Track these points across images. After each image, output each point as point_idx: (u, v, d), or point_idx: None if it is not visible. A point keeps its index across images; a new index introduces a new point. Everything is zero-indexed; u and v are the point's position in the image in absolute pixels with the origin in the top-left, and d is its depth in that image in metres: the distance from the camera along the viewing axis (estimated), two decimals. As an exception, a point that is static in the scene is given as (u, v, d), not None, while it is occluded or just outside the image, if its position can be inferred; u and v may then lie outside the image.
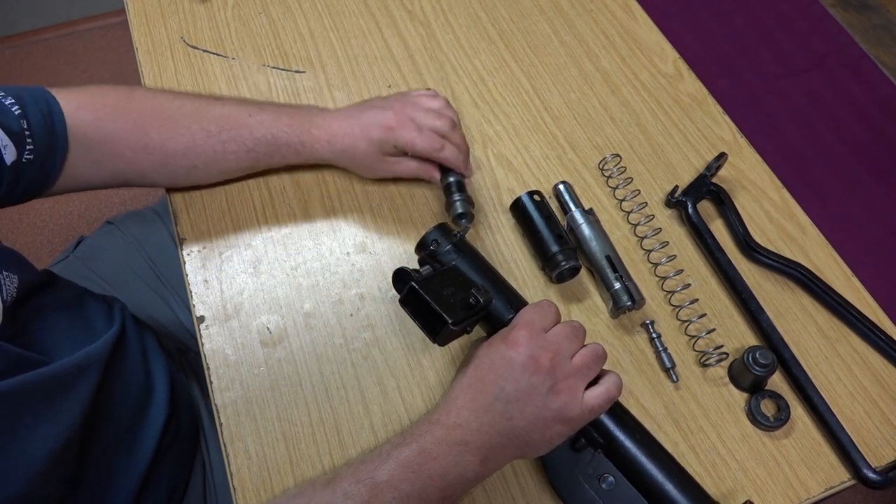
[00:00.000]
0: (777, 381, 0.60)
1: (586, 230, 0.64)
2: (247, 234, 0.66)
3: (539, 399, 0.46)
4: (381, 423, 0.57)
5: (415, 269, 0.52)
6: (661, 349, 0.60)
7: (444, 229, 0.58)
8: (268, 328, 0.61)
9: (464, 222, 0.64)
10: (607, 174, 0.71)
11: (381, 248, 0.66)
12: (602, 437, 0.50)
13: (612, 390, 0.48)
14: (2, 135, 0.52)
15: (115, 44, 1.90)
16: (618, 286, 0.61)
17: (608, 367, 0.52)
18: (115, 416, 0.59)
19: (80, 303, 0.64)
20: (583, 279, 0.65)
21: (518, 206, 0.65)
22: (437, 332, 0.48)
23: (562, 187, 0.68)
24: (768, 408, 0.58)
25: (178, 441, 0.66)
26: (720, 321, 0.63)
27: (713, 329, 0.62)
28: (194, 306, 0.62)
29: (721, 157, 0.69)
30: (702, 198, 0.69)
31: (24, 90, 0.56)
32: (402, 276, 0.51)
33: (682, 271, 0.65)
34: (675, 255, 0.66)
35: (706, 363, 0.60)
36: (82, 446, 0.54)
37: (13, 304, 0.53)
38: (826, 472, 0.56)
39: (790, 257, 0.66)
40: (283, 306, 0.62)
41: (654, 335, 0.61)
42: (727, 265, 0.64)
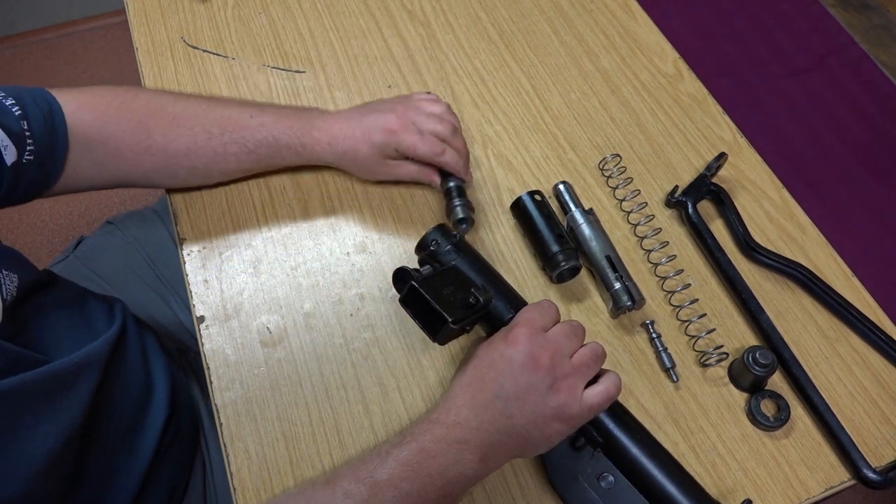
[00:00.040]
0: (777, 381, 0.60)
1: (586, 230, 0.64)
2: (247, 234, 0.66)
3: (538, 397, 0.46)
4: (381, 423, 0.57)
5: (415, 268, 0.52)
6: (661, 349, 0.60)
7: (444, 230, 0.58)
8: (268, 328, 0.61)
9: (464, 227, 0.64)
10: (607, 174, 0.71)
11: (381, 248, 0.66)
12: (601, 435, 0.50)
13: (611, 389, 0.48)
14: (2, 135, 0.52)
15: (115, 44, 1.90)
16: (618, 286, 0.61)
17: (608, 367, 0.52)
18: (115, 415, 0.59)
19: (80, 302, 0.64)
20: (583, 279, 0.65)
21: (519, 206, 0.65)
22: (437, 330, 0.48)
23: (562, 187, 0.68)
24: (768, 408, 0.58)
25: (178, 441, 0.66)
26: (720, 321, 0.63)
27: (713, 329, 0.62)
28: (194, 306, 0.62)
29: (721, 157, 0.69)
30: (702, 198, 0.69)
31: (24, 90, 0.56)
32: (402, 276, 0.51)
33: (682, 271, 0.65)
34: (675, 255, 0.66)
35: (706, 363, 0.60)
36: (82, 445, 0.54)
37: (13, 303, 0.53)
38: (826, 472, 0.56)
39: (790, 257, 0.66)
40: (283, 306, 0.62)
41: (654, 335, 0.61)
42: (727, 265, 0.64)
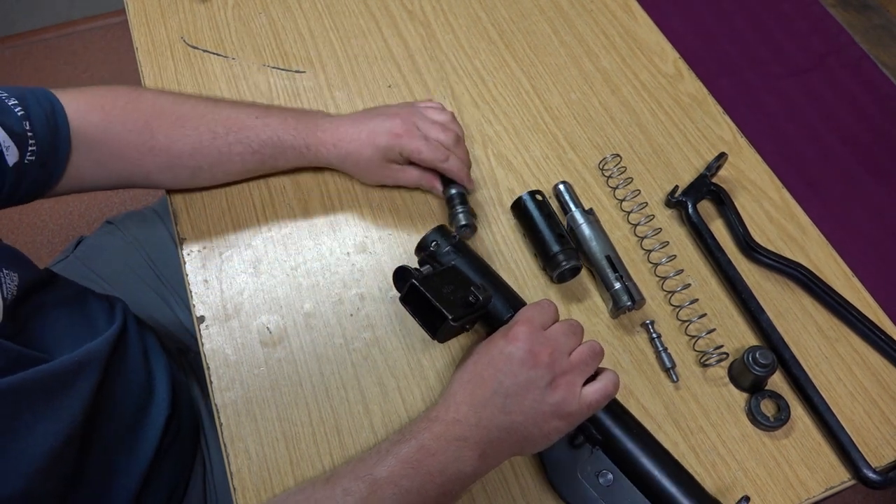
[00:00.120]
0: (777, 381, 0.60)
1: (586, 230, 0.64)
2: (247, 233, 0.66)
3: (537, 393, 0.46)
4: (381, 423, 0.57)
5: (415, 267, 0.52)
6: (661, 349, 0.60)
7: (444, 231, 0.58)
8: (268, 328, 0.61)
9: (467, 233, 0.64)
10: (607, 174, 0.71)
11: (381, 248, 0.66)
12: (600, 433, 0.50)
13: (609, 386, 0.48)
14: (4, 136, 0.52)
15: (115, 44, 1.90)
16: (618, 286, 0.61)
17: (608, 367, 0.52)
18: (115, 414, 0.59)
19: (80, 301, 0.64)
20: (583, 279, 0.65)
21: (519, 206, 0.65)
22: (436, 328, 0.48)
23: (562, 187, 0.68)
24: (768, 408, 0.58)
25: (178, 440, 0.66)
26: (720, 321, 0.63)
27: (713, 329, 0.62)
28: (194, 306, 0.62)
29: (721, 157, 0.69)
30: (702, 198, 0.69)
31: (27, 91, 0.56)
32: (402, 275, 0.51)
33: (682, 271, 0.65)
34: (675, 255, 0.66)
35: (706, 363, 0.60)
36: (83, 444, 0.54)
37: (13, 302, 0.53)
38: (826, 472, 0.56)
39: (790, 257, 0.66)
40: (283, 306, 0.62)
41: (654, 335, 0.61)
42: (727, 265, 0.64)
